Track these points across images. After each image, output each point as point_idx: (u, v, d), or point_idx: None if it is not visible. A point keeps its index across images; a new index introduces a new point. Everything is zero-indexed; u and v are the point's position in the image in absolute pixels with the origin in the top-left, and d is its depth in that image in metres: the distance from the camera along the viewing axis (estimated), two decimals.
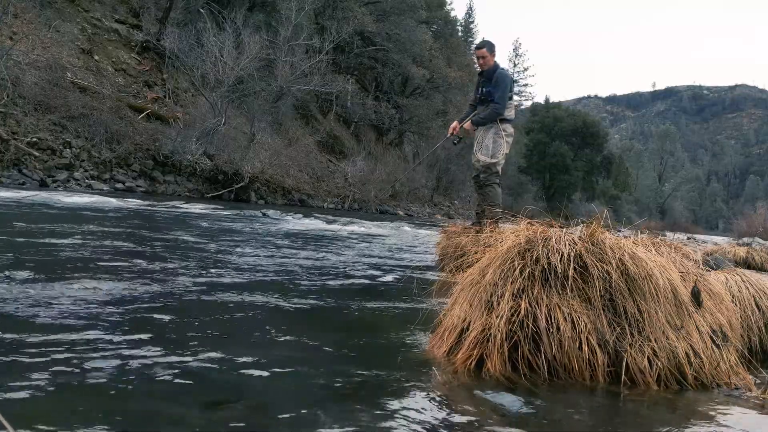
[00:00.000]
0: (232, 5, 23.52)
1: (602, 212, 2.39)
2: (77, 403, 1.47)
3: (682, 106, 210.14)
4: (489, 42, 5.72)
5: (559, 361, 2.00)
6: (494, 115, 5.40)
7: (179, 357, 1.89)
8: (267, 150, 21.08)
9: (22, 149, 14.34)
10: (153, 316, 2.43)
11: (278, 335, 2.33)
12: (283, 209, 15.11)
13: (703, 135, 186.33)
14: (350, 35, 27.94)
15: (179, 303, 2.76)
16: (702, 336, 2.12)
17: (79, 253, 4.01)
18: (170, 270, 3.64)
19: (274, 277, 3.84)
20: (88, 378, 1.64)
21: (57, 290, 2.72)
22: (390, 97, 34.70)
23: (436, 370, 2.02)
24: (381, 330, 2.69)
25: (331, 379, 1.84)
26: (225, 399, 1.59)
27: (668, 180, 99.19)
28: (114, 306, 2.54)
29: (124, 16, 22.87)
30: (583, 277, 2.14)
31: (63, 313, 2.33)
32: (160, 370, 1.76)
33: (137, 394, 1.56)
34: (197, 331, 2.28)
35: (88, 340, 1.99)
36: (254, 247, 5.56)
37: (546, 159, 52.50)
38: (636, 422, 1.77)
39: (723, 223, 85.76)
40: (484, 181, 5.53)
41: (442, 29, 45.14)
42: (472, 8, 65.59)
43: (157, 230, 6.45)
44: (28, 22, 17.94)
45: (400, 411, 1.61)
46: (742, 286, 2.83)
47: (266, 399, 1.63)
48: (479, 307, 2.18)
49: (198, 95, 20.86)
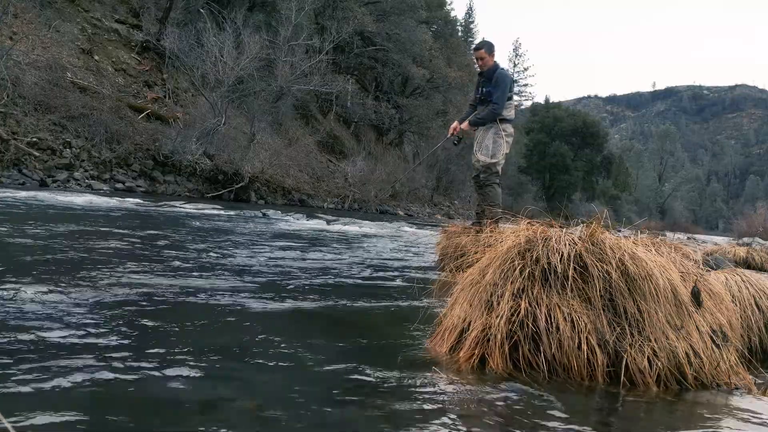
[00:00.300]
0: (232, 5, 23.52)
1: (602, 212, 2.39)
2: (70, 407, 1.47)
3: (682, 106, 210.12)
4: (487, 42, 5.71)
5: (558, 360, 2.00)
6: (492, 116, 5.40)
7: (177, 357, 1.89)
8: (267, 150, 21.08)
9: (22, 149, 14.34)
10: (148, 316, 2.43)
11: (278, 335, 2.33)
12: (283, 209, 15.11)
13: (703, 135, 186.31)
14: (350, 35, 27.92)
15: (174, 304, 2.76)
16: (702, 336, 2.12)
17: (66, 254, 4.01)
18: (167, 270, 3.64)
19: (273, 277, 3.84)
20: (84, 380, 1.64)
21: (30, 293, 2.72)
22: (390, 97, 34.69)
23: (438, 369, 2.02)
24: (381, 330, 2.69)
25: (331, 379, 1.84)
26: (224, 400, 1.59)
27: (668, 180, 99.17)
28: (107, 309, 2.54)
29: (124, 16, 22.87)
30: (583, 277, 2.14)
31: (39, 315, 2.33)
32: (157, 370, 1.76)
33: (136, 395, 1.56)
34: (195, 332, 2.28)
35: (84, 343, 1.99)
36: (254, 248, 5.56)
37: (546, 159, 52.49)
38: (636, 422, 1.77)
39: (723, 223, 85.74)
40: (484, 181, 5.53)
41: (442, 29, 45.13)
42: (472, 8, 65.59)
43: (155, 230, 6.44)
44: (28, 22, 17.94)
45: (401, 411, 1.61)
46: (742, 286, 2.83)
47: (266, 400, 1.63)
48: (479, 306, 2.18)
49: (198, 95, 20.86)
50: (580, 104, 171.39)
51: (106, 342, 1.99)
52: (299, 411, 1.55)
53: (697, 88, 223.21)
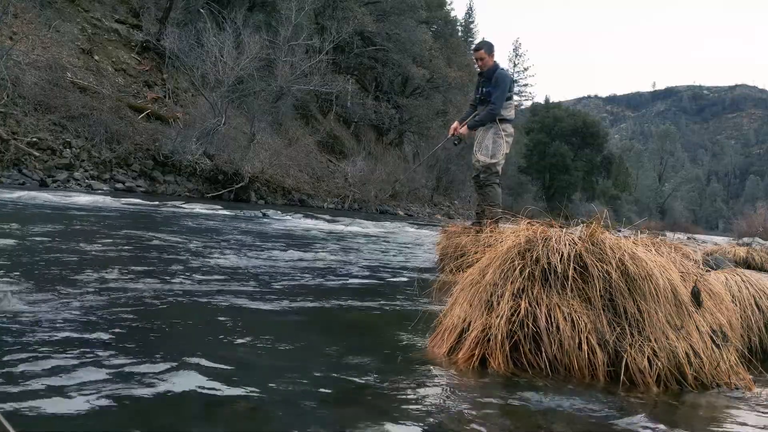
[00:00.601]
0: (232, 5, 23.52)
1: (602, 212, 2.39)
2: (70, 407, 1.47)
3: (682, 106, 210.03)
4: (487, 42, 5.71)
5: (559, 360, 2.00)
6: (490, 116, 5.40)
7: (176, 358, 1.89)
8: (267, 150, 21.08)
9: (22, 149, 14.33)
10: (148, 316, 2.43)
11: (277, 335, 2.33)
12: (283, 209, 15.11)
13: (703, 135, 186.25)
14: (350, 35, 27.92)
15: (172, 305, 2.76)
16: (702, 336, 2.12)
17: (62, 254, 4.00)
18: (167, 270, 3.64)
19: (272, 277, 3.84)
20: (82, 381, 1.64)
21: (31, 296, 2.71)
22: (390, 97, 34.69)
23: (438, 369, 2.02)
24: (381, 330, 2.69)
25: (330, 379, 1.84)
26: (223, 400, 1.59)
27: (668, 180, 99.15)
28: (105, 309, 2.54)
29: (124, 16, 22.87)
30: (583, 277, 2.14)
31: (38, 315, 2.33)
32: (156, 370, 1.76)
33: (135, 397, 1.56)
34: (194, 333, 2.28)
35: (80, 342, 1.99)
36: (253, 247, 5.56)
37: (546, 159, 52.48)
38: (636, 422, 1.77)
39: (723, 223, 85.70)
40: (484, 181, 5.53)
41: (442, 29, 45.12)
42: (472, 8, 65.55)
43: (154, 230, 6.44)
44: (28, 22, 17.94)
45: (401, 412, 1.61)
46: (742, 286, 2.83)
47: (266, 400, 1.63)
48: (479, 306, 2.18)
49: (198, 95, 20.86)
50: (580, 104, 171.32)
51: (106, 342, 1.99)
52: (298, 411, 1.55)
53: (697, 88, 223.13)
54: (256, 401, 1.59)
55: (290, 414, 1.52)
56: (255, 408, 1.55)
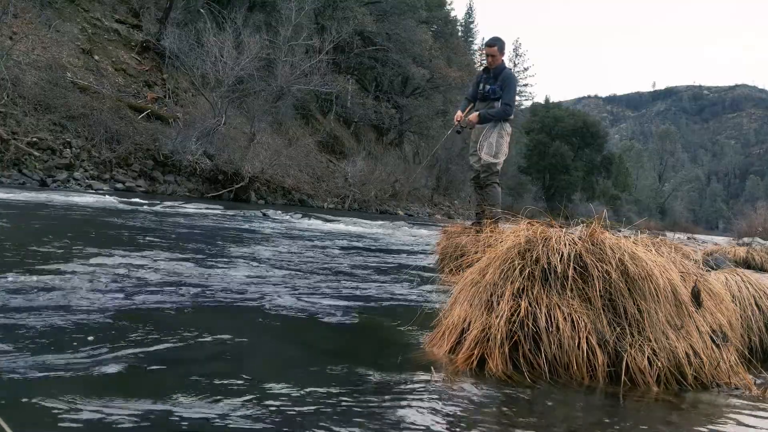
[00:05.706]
0: (232, 5, 23.52)
1: (602, 212, 2.39)
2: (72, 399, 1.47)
3: (682, 106, 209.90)
4: (501, 40, 5.71)
5: (559, 360, 2.00)
6: (504, 116, 5.45)
7: (176, 358, 1.89)
8: (267, 150, 21.08)
9: (22, 149, 14.33)
10: (152, 314, 2.43)
11: (277, 336, 2.33)
12: (283, 209, 15.10)
13: (703, 135, 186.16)
14: (350, 35, 27.93)
15: (174, 304, 2.76)
16: (702, 336, 2.12)
17: (57, 254, 4.00)
18: (162, 271, 3.64)
19: (271, 277, 3.84)
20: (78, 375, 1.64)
21: (35, 293, 2.71)
22: (390, 97, 34.69)
23: (438, 369, 2.02)
24: (381, 330, 2.69)
25: (330, 379, 1.84)
26: (223, 399, 1.59)
27: (668, 180, 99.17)
28: (102, 309, 2.54)
29: (124, 16, 22.86)
30: (583, 277, 2.14)
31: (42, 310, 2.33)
32: (155, 370, 1.76)
33: (135, 397, 1.56)
34: (193, 332, 2.28)
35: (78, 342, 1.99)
36: (252, 247, 5.56)
37: (546, 159, 52.46)
38: (636, 422, 1.77)
39: (723, 223, 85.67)
40: (484, 181, 5.53)
41: (442, 29, 45.11)
42: (472, 8, 65.52)
43: (155, 231, 6.44)
44: (28, 22, 17.94)
45: (401, 412, 1.60)
46: (742, 286, 2.82)
47: (264, 399, 1.62)
48: (479, 306, 2.18)
49: (198, 95, 20.86)
50: (580, 104, 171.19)
51: (103, 342, 1.99)
52: (296, 412, 1.55)
53: (697, 88, 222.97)
54: (254, 401, 1.59)
55: (288, 415, 1.52)
56: (252, 406, 1.55)
